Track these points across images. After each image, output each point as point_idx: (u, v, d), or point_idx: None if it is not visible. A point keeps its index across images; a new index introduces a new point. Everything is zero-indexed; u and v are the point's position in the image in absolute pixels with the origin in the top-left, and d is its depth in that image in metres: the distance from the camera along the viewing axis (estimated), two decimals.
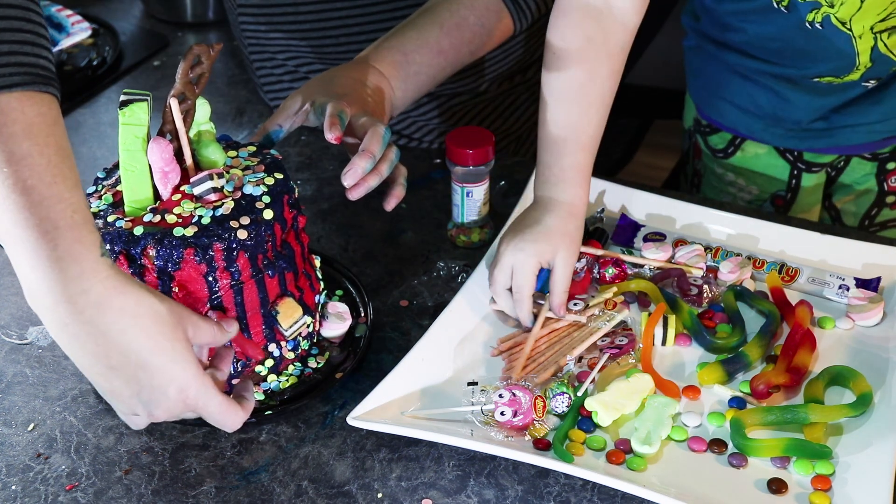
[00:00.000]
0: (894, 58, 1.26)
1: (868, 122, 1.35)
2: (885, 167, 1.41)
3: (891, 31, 1.23)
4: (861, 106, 1.34)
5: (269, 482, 1.00)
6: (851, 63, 1.26)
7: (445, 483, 1.00)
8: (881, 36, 1.23)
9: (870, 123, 1.36)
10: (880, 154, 1.40)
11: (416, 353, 1.08)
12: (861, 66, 1.27)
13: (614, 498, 0.98)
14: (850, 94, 1.32)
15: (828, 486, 0.96)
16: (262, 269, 1.02)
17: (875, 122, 1.36)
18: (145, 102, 0.99)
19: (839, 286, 1.16)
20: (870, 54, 1.25)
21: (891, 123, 1.36)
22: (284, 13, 1.43)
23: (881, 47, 1.24)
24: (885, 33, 1.23)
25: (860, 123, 1.36)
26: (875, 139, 1.38)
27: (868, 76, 1.29)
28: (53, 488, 1.00)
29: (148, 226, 0.99)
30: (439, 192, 1.35)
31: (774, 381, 1.04)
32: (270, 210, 1.01)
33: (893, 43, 1.24)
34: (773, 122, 1.38)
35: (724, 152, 1.44)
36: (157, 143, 1.00)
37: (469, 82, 1.48)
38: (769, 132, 1.39)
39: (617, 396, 1.02)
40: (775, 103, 1.36)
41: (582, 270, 1.17)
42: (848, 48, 1.24)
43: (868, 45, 1.24)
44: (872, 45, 1.24)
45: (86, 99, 1.56)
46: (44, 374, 1.12)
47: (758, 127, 1.39)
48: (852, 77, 1.28)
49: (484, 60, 1.47)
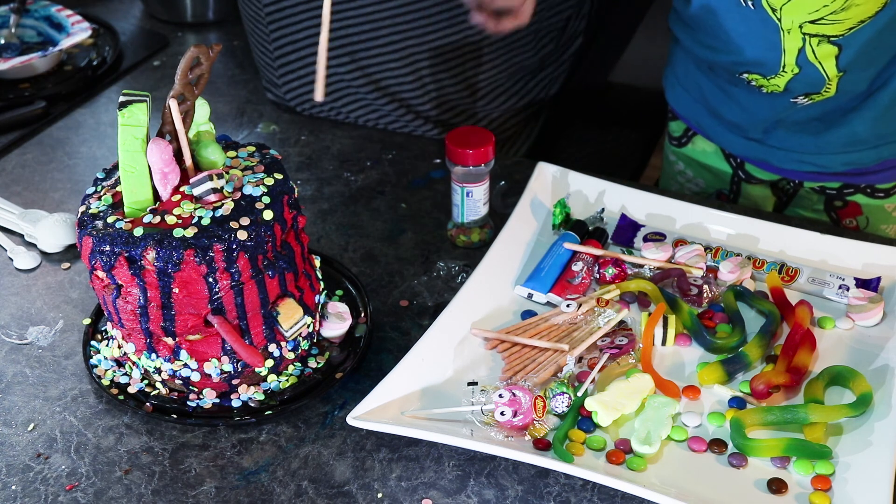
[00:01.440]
0: (822, 71, 1.22)
1: (800, 150, 1.33)
2: (834, 204, 1.38)
3: (821, 39, 1.19)
4: (795, 130, 1.31)
5: (269, 482, 1.00)
6: (777, 58, 1.22)
7: (445, 483, 1.00)
8: (811, 40, 1.19)
9: (801, 153, 1.33)
10: (827, 189, 1.37)
11: (416, 353, 1.08)
12: (787, 68, 1.23)
13: (614, 498, 0.98)
14: (783, 108, 1.28)
15: (828, 486, 0.96)
16: (263, 270, 1.02)
17: (808, 153, 1.33)
18: (144, 103, 0.99)
19: (839, 286, 1.16)
20: (796, 56, 1.21)
21: (826, 159, 1.32)
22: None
23: (809, 53, 1.21)
24: (814, 39, 1.19)
25: (792, 149, 1.33)
26: (807, 170, 1.35)
27: (796, 89, 1.25)
28: (53, 488, 1.00)
29: (148, 227, 0.99)
30: (439, 192, 1.36)
31: (774, 381, 1.04)
32: (270, 210, 1.01)
33: (823, 54, 1.20)
34: (716, 120, 1.37)
35: (679, 141, 1.45)
36: (157, 144, 1.00)
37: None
38: (713, 129, 1.38)
39: (617, 396, 1.02)
40: (718, 98, 1.34)
41: (582, 271, 1.18)
42: (775, 39, 1.21)
43: (795, 45, 1.21)
44: (800, 48, 1.20)
45: (86, 99, 1.56)
46: (44, 374, 1.12)
47: (705, 123, 1.39)
48: (778, 82, 1.25)
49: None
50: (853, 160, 1.32)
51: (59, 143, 1.47)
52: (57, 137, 1.48)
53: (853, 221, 1.38)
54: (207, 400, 1.07)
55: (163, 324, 1.02)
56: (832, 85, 1.23)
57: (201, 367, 1.05)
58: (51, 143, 1.47)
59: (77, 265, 1.25)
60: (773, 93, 1.27)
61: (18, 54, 1.56)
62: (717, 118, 1.37)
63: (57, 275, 1.24)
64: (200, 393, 1.07)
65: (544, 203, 1.28)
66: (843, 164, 1.32)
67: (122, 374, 1.10)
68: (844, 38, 1.18)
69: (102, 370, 1.10)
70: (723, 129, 1.38)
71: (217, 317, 1.01)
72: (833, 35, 1.18)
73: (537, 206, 1.28)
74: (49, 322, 1.18)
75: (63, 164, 1.43)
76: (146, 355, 1.05)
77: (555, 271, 1.18)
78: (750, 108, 1.32)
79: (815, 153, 1.32)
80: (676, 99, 1.43)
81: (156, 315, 1.01)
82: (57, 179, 1.40)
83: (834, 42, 1.19)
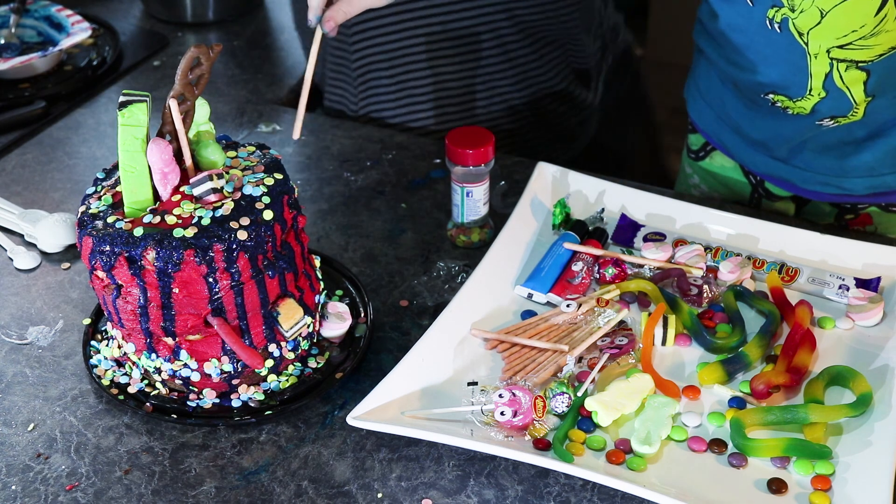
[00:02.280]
0: (849, 96, 1.21)
1: (825, 172, 1.31)
2: (845, 217, 1.37)
3: (849, 64, 1.18)
4: (820, 152, 1.30)
5: (269, 482, 1.00)
6: (804, 82, 1.22)
7: (445, 483, 1.00)
8: (838, 65, 1.18)
9: (826, 174, 1.31)
10: (842, 204, 1.36)
11: (416, 353, 1.08)
12: (814, 91, 1.22)
13: (614, 498, 0.98)
14: (807, 129, 1.27)
15: (828, 486, 0.96)
16: (263, 270, 1.02)
17: (832, 175, 1.31)
18: (144, 103, 0.99)
19: (839, 286, 1.16)
20: (823, 80, 1.20)
21: (850, 182, 1.31)
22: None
23: (836, 78, 1.19)
24: (842, 64, 1.18)
25: (817, 171, 1.32)
26: (830, 192, 1.33)
27: (823, 111, 1.24)
28: (53, 488, 1.00)
29: (148, 227, 0.99)
30: (439, 192, 1.36)
31: (774, 381, 1.04)
32: (270, 211, 1.01)
33: (851, 79, 1.19)
34: (739, 138, 1.36)
35: (696, 154, 1.43)
36: (157, 144, 1.00)
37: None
38: (735, 147, 1.37)
39: (617, 396, 1.02)
40: (742, 116, 1.33)
41: (582, 271, 1.18)
42: (802, 63, 1.20)
43: (823, 70, 1.19)
44: (828, 73, 1.19)
45: (86, 99, 1.56)
46: (44, 374, 1.12)
47: (727, 139, 1.37)
48: (804, 104, 1.23)
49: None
50: (877, 185, 1.30)
51: (59, 143, 1.47)
52: (57, 137, 1.48)
53: (862, 229, 1.37)
54: (207, 400, 1.07)
55: (163, 324, 1.02)
56: (860, 109, 1.22)
57: (201, 367, 1.05)
58: (51, 143, 1.47)
59: (77, 265, 1.25)
60: (798, 114, 1.25)
61: (18, 54, 1.56)
62: (740, 135, 1.36)
63: (57, 275, 1.24)
64: (200, 393, 1.07)
65: (544, 203, 1.28)
66: (866, 188, 1.31)
67: (122, 374, 1.10)
68: (873, 63, 1.17)
69: (102, 370, 1.10)
70: (746, 147, 1.36)
71: (217, 318, 1.01)
72: (861, 60, 1.17)
73: (537, 206, 1.28)
74: (49, 322, 1.18)
75: (63, 164, 1.43)
76: (146, 355, 1.05)
77: (555, 271, 1.18)
78: (775, 128, 1.30)
79: (839, 175, 1.31)
80: (698, 113, 1.41)
81: (156, 315, 1.01)
82: (57, 179, 1.40)
83: (862, 68, 1.18)
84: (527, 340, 1.10)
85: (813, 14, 1.15)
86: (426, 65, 1.47)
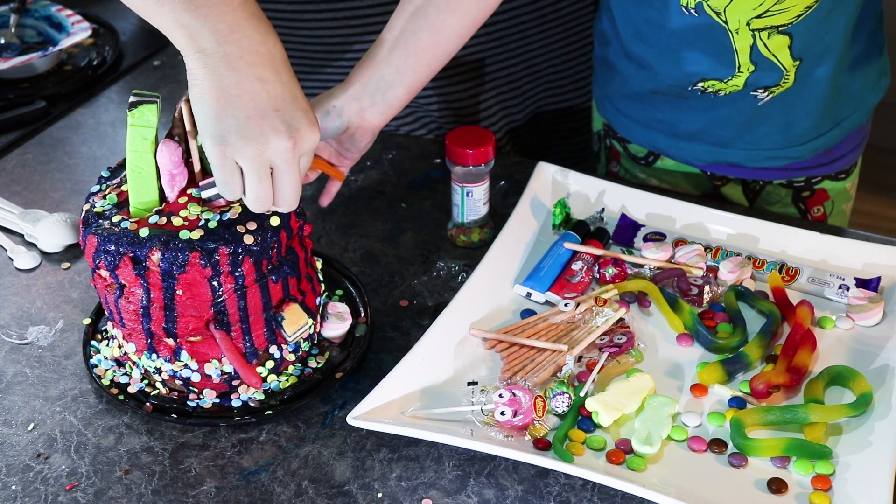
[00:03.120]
0: (778, 63, 1.21)
1: (770, 146, 1.31)
2: (802, 195, 1.37)
3: (771, 31, 1.18)
4: (761, 127, 1.29)
5: (269, 482, 1.00)
6: (731, 60, 1.21)
7: (445, 483, 1.00)
8: (760, 35, 1.18)
9: (771, 148, 1.31)
10: (794, 182, 1.36)
11: (416, 353, 1.08)
12: (743, 67, 1.21)
13: (614, 498, 0.98)
14: (745, 108, 1.27)
15: (828, 486, 0.96)
16: (267, 275, 1.02)
17: (777, 148, 1.31)
18: (155, 105, 0.99)
19: (839, 286, 1.16)
20: (749, 54, 1.20)
21: (796, 150, 1.31)
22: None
23: (761, 48, 1.19)
24: (763, 33, 1.18)
25: (762, 147, 1.31)
26: (777, 165, 1.33)
27: (755, 84, 1.23)
28: (53, 488, 1.00)
29: (154, 227, 0.99)
30: (439, 192, 1.36)
31: (774, 381, 1.04)
32: (277, 217, 1.01)
33: (776, 46, 1.19)
34: (673, 139, 1.35)
35: (646, 160, 1.42)
36: (167, 146, 1.00)
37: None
38: (672, 148, 1.36)
39: (617, 396, 1.02)
40: (673, 113, 1.32)
41: (581, 270, 1.18)
42: (725, 40, 1.19)
43: (747, 43, 1.19)
44: (752, 45, 1.19)
45: (86, 99, 1.56)
46: (44, 374, 1.12)
47: (662, 144, 1.37)
48: (736, 82, 1.23)
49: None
50: (821, 144, 1.31)
51: (59, 143, 1.47)
52: (57, 137, 1.48)
53: (820, 209, 1.37)
54: (207, 400, 1.07)
55: (164, 325, 1.02)
56: (790, 75, 1.23)
57: (202, 368, 1.05)
58: (51, 143, 1.47)
59: (77, 265, 1.25)
60: (732, 93, 1.26)
61: (18, 54, 1.56)
62: (675, 136, 1.35)
63: (57, 275, 1.24)
64: (200, 393, 1.07)
65: (544, 203, 1.28)
66: (812, 151, 1.32)
67: (122, 374, 1.10)
68: (793, 26, 1.18)
69: (102, 370, 1.10)
70: (683, 144, 1.36)
71: (220, 332, 1.02)
72: (781, 24, 1.17)
73: (537, 206, 1.28)
74: (49, 322, 1.18)
75: (63, 164, 1.43)
76: (147, 355, 1.05)
77: (554, 271, 1.18)
78: (711, 115, 1.30)
79: (784, 146, 1.31)
80: (626, 130, 1.40)
81: (158, 316, 1.01)
82: (57, 179, 1.40)
83: (783, 32, 1.18)
84: (526, 340, 1.10)
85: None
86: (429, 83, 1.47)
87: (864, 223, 1.53)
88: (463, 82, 1.48)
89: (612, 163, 1.48)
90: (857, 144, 1.36)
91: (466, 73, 1.48)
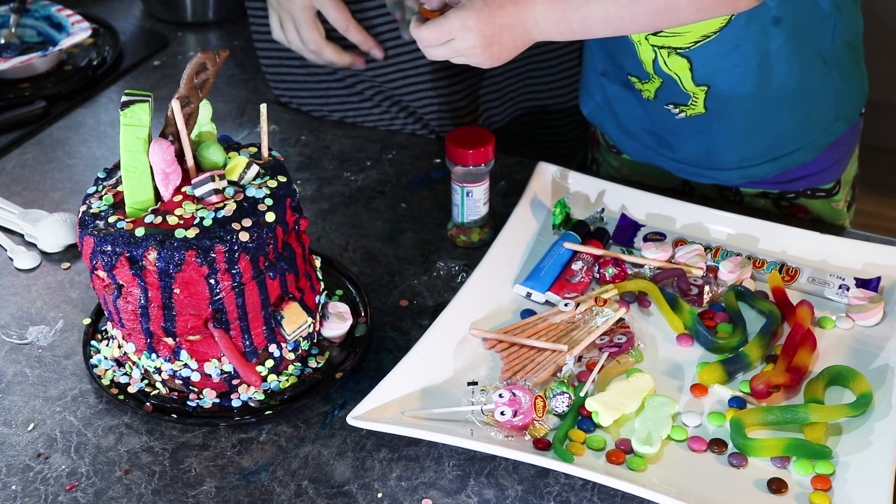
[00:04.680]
0: (679, 83, 1.21)
1: (695, 164, 1.30)
2: (781, 204, 1.34)
3: (670, 50, 1.19)
4: (686, 144, 1.29)
5: (269, 482, 1.00)
6: (642, 66, 1.23)
7: (445, 483, 1.00)
8: (660, 51, 1.19)
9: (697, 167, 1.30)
10: (769, 193, 1.34)
11: (416, 353, 1.08)
12: (654, 77, 1.23)
13: (614, 498, 0.98)
14: (662, 118, 1.27)
15: (828, 486, 0.96)
16: (264, 271, 1.02)
17: (703, 168, 1.30)
18: (147, 103, 0.99)
19: (839, 286, 1.16)
20: (652, 66, 1.21)
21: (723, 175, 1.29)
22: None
23: (662, 64, 1.20)
24: (663, 50, 1.19)
25: (686, 163, 1.31)
26: (707, 182, 1.32)
27: (663, 97, 1.24)
28: (53, 488, 1.00)
29: (149, 227, 0.99)
30: (439, 192, 1.36)
31: (774, 381, 1.04)
32: (272, 213, 1.01)
33: (675, 66, 1.20)
34: (619, 127, 1.35)
35: (617, 148, 1.42)
36: (159, 145, 1.00)
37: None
38: (617, 137, 1.36)
39: (617, 396, 1.02)
40: (617, 102, 1.32)
41: (581, 270, 1.18)
42: (632, 48, 1.21)
43: (649, 56, 1.21)
44: (653, 58, 1.20)
45: (86, 99, 1.56)
46: (44, 374, 1.12)
47: (611, 132, 1.37)
48: (649, 87, 1.24)
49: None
50: (751, 174, 1.29)
51: (59, 143, 1.47)
52: (57, 137, 1.48)
53: (808, 216, 1.35)
54: (207, 400, 1.07)
55: (163, 324, 1.02)
56: (698, 100, 1.22)
57: (201, 368, 1.05)
58: (51, 143, 1.47)
59: (77, 265, 1.25)
60: (649, 100, 1.27)
61: (18, 54, 1.56)
62: (618, 127, 1.35)
63: (57, 275, 1.24)
64: (200, 393, 1.07)
65: (544, 203, 1.28)
66: (741, 178, 1.30)
67: (122, 374, 1.10)
68: (692, 51, 1.18)
69: (102, 370, 1.10)
70: (626, 137, 1.36)
71: (219, 330, 1.02)
72: (679, 47, 1.18)
73: (537, 206, 1.28)
74: (49, 322, 1.18)
75: (63, 164, 1.43)
76: (146, 355, 1.05)
77: (554, 271, 1.18)
78: (642, 114, 1.30)
79: (709, 168, 1.30)
80: (590, 113, 1.40)
81: (156, 315, 1.01)
82: (57, 179, 1.40)
83: (682, 55, 1.19)
84: (526, 340, 1.10)
85: None
86: (429, 86, 1.47)
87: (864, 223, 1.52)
88: (463, 80, 1.48)
89: (594, 149, 1.49)
90: (823, 168, 1.31)
91: (466, 70, 1.48)
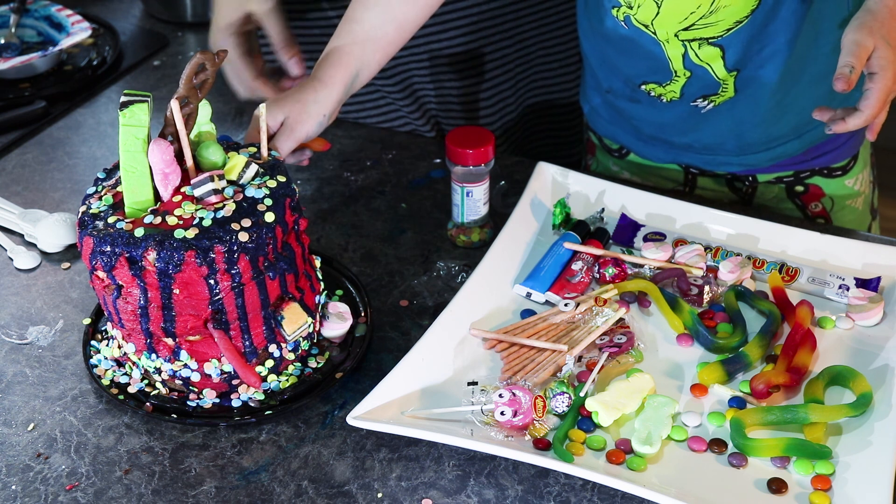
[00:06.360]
0: (712, 72, 1.22)
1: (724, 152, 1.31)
2: (795, 190, 1.36)
3: (701, 42, 1.19)
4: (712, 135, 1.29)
5: (269, 482, 1.00)
6: (666, 67, 1.23)
7: (445, 483, 1.00)
8: (690, 44, 1.19)
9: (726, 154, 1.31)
10: (784, 178, 1.35)
11: (416, 353, 1.08)
12: (679, 74, 1.23)
13: (614, 498, 0.98)
14: (688, 114, 1.28)
15: (828, 486, 0.96)
16: (263, 271, 1.02)
17: (731, 154, 1.31)
18: (146, 104, 0.99)
19: (839, 286, 1.16)
20: (682, 62, 1.21)
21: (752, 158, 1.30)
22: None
23: (693, 57, 1.20)
24: (694, 43, 1.19)
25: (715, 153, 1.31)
26: (735, 171, 1.33)
27: (693, 92, 1.25)
28: (53, 488, 1.00)
29: (149, 227, 0.99)
30: (439, 192, 1.36)
31: (774, 381, 1.04)
32: (272, 213, 1.01)
33: (708, 56, 1.20)
34: (636, 136, 1.36)
35: (619, 153, 1.42)
36: (158, 145, 1.00)
37: None
38: (636, 146, 1.37)
39: (617, 396, 1.02)
40: (632, 115, 1.33)
41: (581, 270, 1.18)
42: (657, 49, 1.22)
43: (678, 52, 1.21)
44: (683, 53, 1.20)
45: (86, 99, 1.56)
46: (44, 374, 1.12)
47: (628, 141, 1.38)
48: (674, 88, 1.25)
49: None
50: (779, 154, 1.31)
51: (59, 143, 1.47)
52: (57, 137, 1.48)
53: (818, 205, 1.36)
54: (207, 400, 1.07)
55: (163, 324, 1.02)
56: (729, 84, 1.23)
57: (201, 368, 1.05)
58: (51, 143, 1.47)
59: (77, 265, 1.25)
60: (673, 100, 1.27)
61: (18, 54, 1.56)
62: (634, 135, 1.36)
63: (57, 275, 1.24)
64: (200, 393, 1.07)
65: (544, 203, 1.28)
66: (769, 160, 1.31)
67: (122, 374, 1.10)
68: (724, 38, 1.18)
69: (102, 370, 1.10)
70: (644, 143, 1.37)
71: (218, 331, 1.01)
72: (711, 37, 1.18)
73: (537, 206, 1.28)
74: (49, 322, 1.18)
75: (63, 164, 1.43)
76: (146, 355, 1.05)
77: (554, 271, 1.18)
78: (660, 118, 1.31)
79: (737, 154, 1.31)
80: (596, 124, 1.42)
81: (156, 316, 1.01)
82: (57, 179, 1.40)
83: (714, 44, 1.19)
84: (526, 340, 1.10)
85: (649, 6, 1.17)
86: (430, 79, 1.47)
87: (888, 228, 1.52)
88: (462, 79, 1.48)
89: (588, 156, 1.49)
90: (842, 143, 1.33)
91: (466, 69, 1.48)
